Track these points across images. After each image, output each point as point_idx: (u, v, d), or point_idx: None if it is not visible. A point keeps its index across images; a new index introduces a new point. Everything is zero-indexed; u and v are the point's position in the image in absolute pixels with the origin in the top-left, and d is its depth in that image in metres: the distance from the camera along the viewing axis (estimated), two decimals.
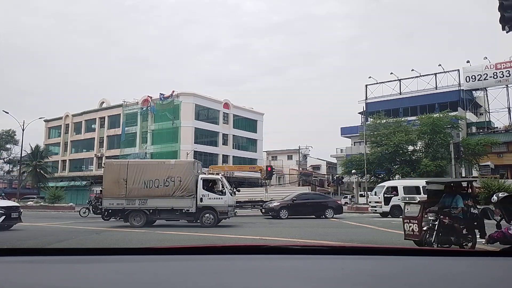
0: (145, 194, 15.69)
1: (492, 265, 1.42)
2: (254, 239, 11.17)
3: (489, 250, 3.82)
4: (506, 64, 43.79)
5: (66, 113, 59.24)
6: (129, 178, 15.76)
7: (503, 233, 3.99)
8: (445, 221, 8.14)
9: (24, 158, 48.06)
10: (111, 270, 1.31)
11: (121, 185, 15.75)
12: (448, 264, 1.38)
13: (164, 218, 16.24)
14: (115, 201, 15.80)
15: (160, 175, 15.80)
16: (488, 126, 46.07)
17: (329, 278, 1.22)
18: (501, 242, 4.17)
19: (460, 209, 8.30)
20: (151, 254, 1.54)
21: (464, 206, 8.42)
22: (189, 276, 1.25)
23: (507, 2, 10.01)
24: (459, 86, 45.83)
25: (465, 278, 1.24)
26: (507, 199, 5.02)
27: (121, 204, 15.72)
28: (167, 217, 16.15)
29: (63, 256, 1.53)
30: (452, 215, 8.29)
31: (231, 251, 1.60)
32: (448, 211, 8.39)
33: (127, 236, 12.56)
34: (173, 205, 15.74)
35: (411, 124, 37.17)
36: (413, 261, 1.44)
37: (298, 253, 1.56)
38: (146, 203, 15.67)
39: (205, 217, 15.70)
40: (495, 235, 4.06)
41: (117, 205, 15.78)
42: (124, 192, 15.71)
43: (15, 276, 1.26)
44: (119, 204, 15.75)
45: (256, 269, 1.33)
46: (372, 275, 1.25)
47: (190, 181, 15.82)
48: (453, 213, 8.33)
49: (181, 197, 15.70)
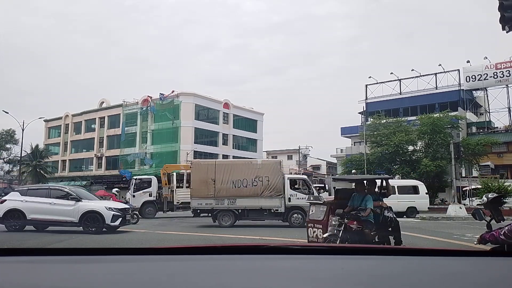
0: (234, 194, 15.67)
1: (492, 265, 1.42)
2: (254, 239, 11.18)
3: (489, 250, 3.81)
4: (506, 64, 43.79)
5: (66, 113, 59.25)
6: (217, 178, 15.77)
7: (494, 236, 4.01)
8: (352, 226, 7.01)
9: (24, 158, 48.08)
10: (111, 270, 1.31)
11: (209, 185, 15.74)
12: (448, 264, 1.38)
13: (252, 218, 16.16)
14: (203, 201, 15.79)
15: (248, 174, 15.81)
16: (488, 126, 46.08)
17: (329, 278, 1.22)
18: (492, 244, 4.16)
19: (369, 211, 7.14)
20: (151, 254, 1.54)
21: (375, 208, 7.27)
22: (189, 276, 1.25)
23: (507, 2, 10.01)
24: (459, 86, 45.84)
25: (465, 278, 1.24)
26: (497, 199, 4.96)
27: (210, 204, 15.74)
28: (255, 217, 16.10)
29: (63, 256, 1.53)
30: (361, 218, 7.12)
31: (231, 251, 1.60)
32: (355, 214, 7.24)
33: (127, 236, 12.56)
34: (262, 205, 15.71)
35: (411, 124, 37.16)
36: (413, 261, 1.44)
37: (298, 253, 1.56)
38: (235, 202, 15.66)
39: (293, 217, 15.65)
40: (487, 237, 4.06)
41: (206, 205, 15.79)
42: (212, 192, 15.70)
43: (15, 276, 1.26)
44: (208, 204, 15.76)
45: (256, 269, 1.33)
46: (372, 275, 1.25)
47: (278, 181, 15.84)
48: (361, 216, 7.17)
49: (269, 197, 15.66)
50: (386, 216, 7.31)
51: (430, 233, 12.90)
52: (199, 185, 15.96)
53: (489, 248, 4.04)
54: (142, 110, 49.78)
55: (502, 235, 3.83)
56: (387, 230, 7.30)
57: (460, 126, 37.50)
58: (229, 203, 15.68)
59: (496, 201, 4.65)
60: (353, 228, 6.99)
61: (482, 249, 3.94)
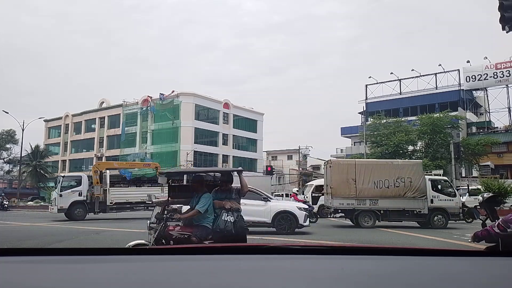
0: (376, 195, 15.51)
1: (492, 265, 1.42)
2: (254, 239, 11.17)
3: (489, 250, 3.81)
4: (506, 64, 43.81)
5: (66, 113, 59.29)
6: (358, 178, 15.66)
7: (488, 231, 4.01)
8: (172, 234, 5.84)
9: (24, 158, 48.08)
10: (111, 270, 1.31)
11: (350, 185, 15.63)
12: (448, 264, 1.38)
13: (394, 220, 15.86)
14: (345, 201, 15.63)
15: (389, 175, 15.65)
16: (488, 126, 46.08)
17: (329, 278, 1.22)
18: (486, 240, 4.17)
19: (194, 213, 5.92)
20: (151, 254, 1.54)
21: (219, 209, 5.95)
22: (189, 276, 1.25)
23: (507, 2, 10.02)
24: (459, 86, 45.86)
25: (465, 278, 1.24)
26: (492, 199, 4.91)
27: (352, 204, 15.59)
28: (397, 218, 15.81)
29: (63, 256, 1.53)
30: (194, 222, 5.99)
31: (231, 251, 1.60)
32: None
33: (127, 236, 12.55)
34: (404, 206, 15.45)
35: (411, 124, 37.20)
36: (413, 261, 1.44)
37: (298, 253, 1.55)
38: (377, 203, 15.49)
39: (436, 218, 15.45)
40: (480, 233, 4.08)
41: (347, 205, 15.62)
42: (354, 192, 15.60)
43: (15, 276, 1.25)
44: (349, 204, 15.60)
45: (256, 269, 1.33)
46: (372, 275, 1.25)
47: (420, 181, 15.62)
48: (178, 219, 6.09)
49: (412, 198, 15.45)
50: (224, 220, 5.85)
51: (430, 233, 12.89)
52: (339, 184, 15.78)
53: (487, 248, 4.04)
54: (142, 110, 49.79)
55: (496, 227, 3.82)
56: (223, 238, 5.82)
57: (460, 126, 37.53)
58: (371, 204, 15.51)
59: (491, 201, 4.66)
60: (174, 235, 5.79)
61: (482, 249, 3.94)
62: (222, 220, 5.87)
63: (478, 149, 34.03)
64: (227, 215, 5.93)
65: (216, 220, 5.91)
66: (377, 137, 36.38)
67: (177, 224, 6.07)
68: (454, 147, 26.24)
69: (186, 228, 5.99)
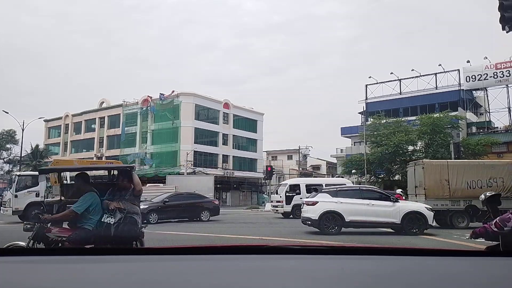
0: (469, 195, 15.45)
1: (492, 265, 1.42)
2: (254, 239, 11.18)
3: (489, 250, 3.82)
4: (506, 64, 43.78)
5: (66, 113, 59.27)
6: (451, 178, 15.76)
7: (485, 228, 4.07)
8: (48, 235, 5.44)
9: (24, 158, 48.06)
10: (111, 270, 1.31)
11: (444, 186, 15.73)
12: (448, 264, 1.38)
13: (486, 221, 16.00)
14: (439, 202, 15.61)
15: (481, 175, 15.75)
16: (488, 126, 46.06)
17: (329, 278, 1.22)
18: (484, 237, 4.23)
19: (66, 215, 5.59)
20: (151, 254, 1.54)
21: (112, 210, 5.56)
22: (189, 276, 1.25)
23: (507, 2, 10.01)
24: (459, 86, 45.83)
25: (465, 278, 1.24)
26: (493, 198, 5.00)
27: (446, 205, 15.62)
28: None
29: (63, 256, 1.53)
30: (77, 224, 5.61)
31: (231, 251, 1.60)
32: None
33: None
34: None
35: (411, 124, 37.18)
36: (413, 261, 1.44)
37: (298, 253, 1.56)
38: (471, 204, 15.42)
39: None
40: (478, 231, 4.14)
41: (441, 206, 15.59)
42: (447, 192, 15.66)
43: (15, 276, 1.26)
44: (443, 205, 15.60)
45: (256, 269, 1.33)
46: (372, 275, 1.25)
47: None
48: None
49: (505, 198, 15.15)
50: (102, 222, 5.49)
51: (430, 233, 12.89)
52: (432, 186, 15.82)
53: (487, 247, 4.06)
54: (142, 110, 49.78)
55: (493, 225, 3.87)
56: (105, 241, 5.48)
57: (460, 126, 37.51)
58: (464, 204, 15.53)
59: (493, 200, 4.69)
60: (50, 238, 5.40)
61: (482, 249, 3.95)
62: (101, 222, 5.51)
63: (478, 149, 34.01)
64: (107, 217, 5.54)
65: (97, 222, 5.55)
66: (377, 137, 36.36)
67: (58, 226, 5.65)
68: (454, 147, 26.22)
69: (65, 230, 5.61)
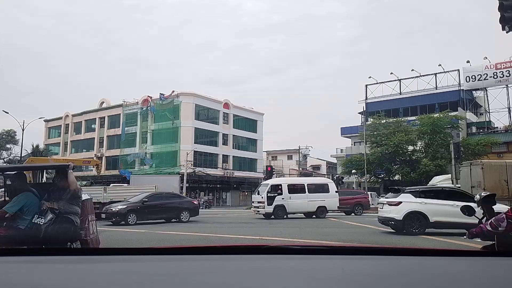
0: None
1: (492, 265, 1.42)
2: (254, 239, 11.18)
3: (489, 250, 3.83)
4: (506, 64, 43.80)
5: (66, 113, 59.28)
6: (510, 178, 15.85)
7: (481, 228, 4.14)
8: None
9: (24, 158, 48.07)
10: (111, 270, 1.31)
11: (503, 186, 15.77)
12: (448, 264, 1.38)
13: None
14: (498, 202, 15.68)
15: None
16: (488, 126, 46.09)
17: (329, 278, 1.22)
18: (480, 237, 4.31)
19: (3, 213, 5.36)
20: (151, 254, 1.54)
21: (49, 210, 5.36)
22: (189, 276, 1.25)
23: (507, 2, 10.02)
24: (459, 86, 45.87)
25: (465, 278, 1.24)
26: (489, 198, 5.02)
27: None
28: None
29: (63, 256, 1.53)
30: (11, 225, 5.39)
31: (231, 251, 1.60)
32: None
33: (127, 236, 12.56)
34: None
35: (411, 124, 37.22)
36: (413, 261, 1.44)
37: (298, 253, 1.56)
38: None
39: None
40: (474, 231, 4.21)
41: None
42: (507, 193, 15.68)
43: (15, 276, 1.26)
44: None
45: (256, 269, 1.33)
46: (372, 275, 1.25)
47: None
48: None
49: None
50: (33, 223, 5.33)
51: (430, 233, 12.89)
52: (492, 186, 15.67)
53: (486, 247, 4.08)
54: (142, 110, 49.79)
55: (488, 225, 3.95)
56: (35, 242, 5.33)
57: (460, 126, 37.54)
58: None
59: (488, 200, 4.71)
60: None
61: (481, 249, 3.96)
62: (31, 222, 5.40)
63: (478, 149, 34.05)
64: (37, 217, 5.42)
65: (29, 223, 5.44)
66: (377, 137, 36.41)
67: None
68: (454, 147, 26.18)
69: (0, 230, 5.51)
